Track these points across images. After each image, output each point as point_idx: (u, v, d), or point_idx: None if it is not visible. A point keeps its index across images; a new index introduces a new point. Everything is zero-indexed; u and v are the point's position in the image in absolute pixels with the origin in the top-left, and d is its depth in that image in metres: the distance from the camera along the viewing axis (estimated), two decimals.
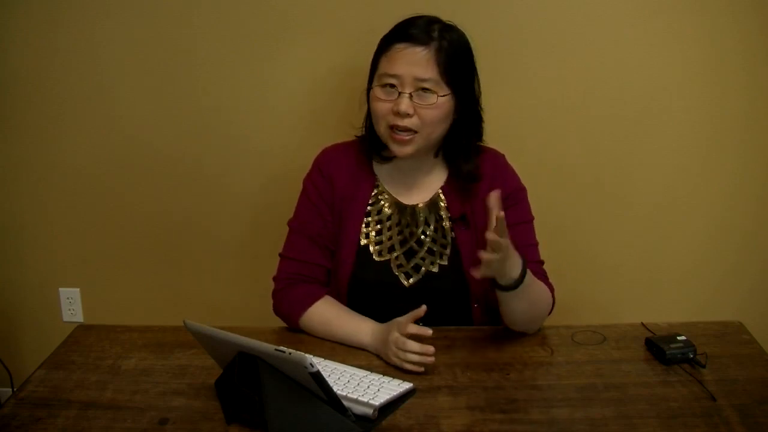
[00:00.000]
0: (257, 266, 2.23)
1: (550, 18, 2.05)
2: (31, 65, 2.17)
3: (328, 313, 1.57)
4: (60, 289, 2.39)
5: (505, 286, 1.42)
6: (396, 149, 1.55)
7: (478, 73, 1.62)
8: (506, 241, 1.34)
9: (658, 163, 2.16)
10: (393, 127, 1.53)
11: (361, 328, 1.52)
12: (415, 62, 1.50)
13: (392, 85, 1.52)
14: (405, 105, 1.50)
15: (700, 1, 2.01)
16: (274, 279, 1.66)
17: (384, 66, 1.54)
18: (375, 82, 1.56)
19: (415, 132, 1.53)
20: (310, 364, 1.12)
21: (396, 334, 1.42)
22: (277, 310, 1.64)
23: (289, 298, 1.60)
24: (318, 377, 1.13)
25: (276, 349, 1.15)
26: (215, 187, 2.26)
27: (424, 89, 1.51)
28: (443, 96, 1.52)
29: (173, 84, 2.17)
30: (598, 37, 2.06)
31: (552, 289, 1.59)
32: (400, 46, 1.52)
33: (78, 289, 2.39)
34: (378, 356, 1.46)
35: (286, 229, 1.69)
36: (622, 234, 2.22)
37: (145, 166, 2.24)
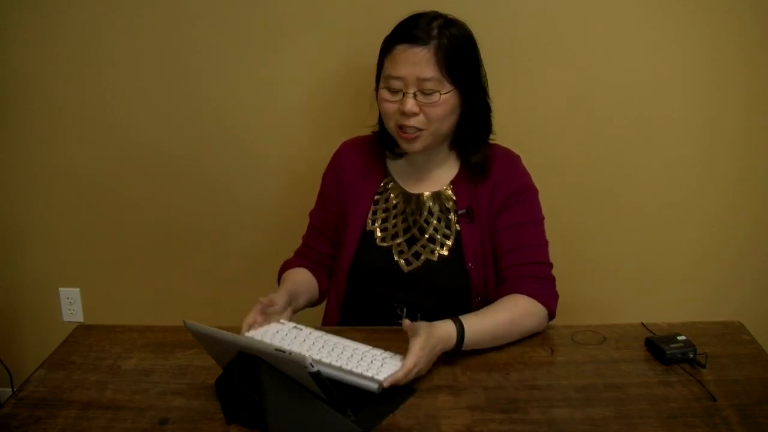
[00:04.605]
0: (257, 266, 2.24)
1: (551, 19, 2.05)
2: (31, 65, 2.17)
3: (286, 275, 1.70)
4: (60, 289, 2.40)
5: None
6: (405, 146, 1.61)
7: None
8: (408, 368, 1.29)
9: (658, 163, 2.15)
10: (401, 126, 1.57)
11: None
12: (416, 62, 1.53)
13: (397, 88, 1.55)
14: (410, 105, 1.54)
15: (701, 2, 2.01)
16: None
17: (388, 68, 1.57)
18: (381, 84, 1.60)
19: (422, 129, 1.56)
20: (310, 364, 1.12)
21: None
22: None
23: (283, 264, 1.75)
24: (318, 377, 1.13)
25: (276, 349, 1.15)
26: (215, 186, 2.26)
27: (427, 88, 1.53)
28: (446, 93, 1.54)
29: (173, 83, 2.17)
30: (598, 38, 2.06)
31: (549, 299, 1.55)
32: (401, 47, 1.55)
33: (78, 289, 2.39)
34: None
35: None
36: (622, 234, 2.22)
37: (145, 167, 2.24)
